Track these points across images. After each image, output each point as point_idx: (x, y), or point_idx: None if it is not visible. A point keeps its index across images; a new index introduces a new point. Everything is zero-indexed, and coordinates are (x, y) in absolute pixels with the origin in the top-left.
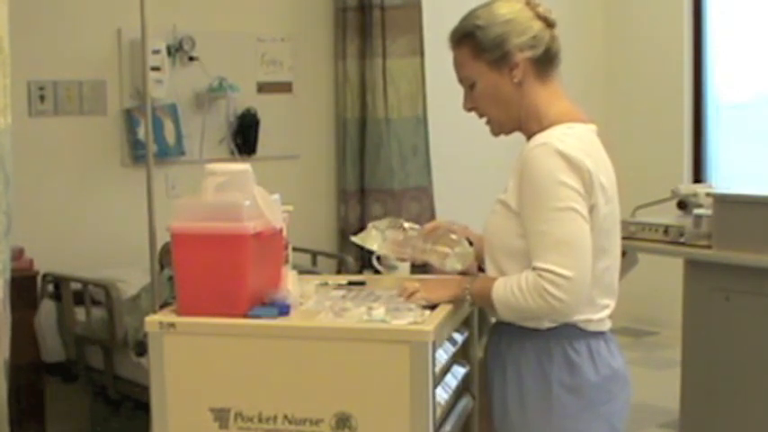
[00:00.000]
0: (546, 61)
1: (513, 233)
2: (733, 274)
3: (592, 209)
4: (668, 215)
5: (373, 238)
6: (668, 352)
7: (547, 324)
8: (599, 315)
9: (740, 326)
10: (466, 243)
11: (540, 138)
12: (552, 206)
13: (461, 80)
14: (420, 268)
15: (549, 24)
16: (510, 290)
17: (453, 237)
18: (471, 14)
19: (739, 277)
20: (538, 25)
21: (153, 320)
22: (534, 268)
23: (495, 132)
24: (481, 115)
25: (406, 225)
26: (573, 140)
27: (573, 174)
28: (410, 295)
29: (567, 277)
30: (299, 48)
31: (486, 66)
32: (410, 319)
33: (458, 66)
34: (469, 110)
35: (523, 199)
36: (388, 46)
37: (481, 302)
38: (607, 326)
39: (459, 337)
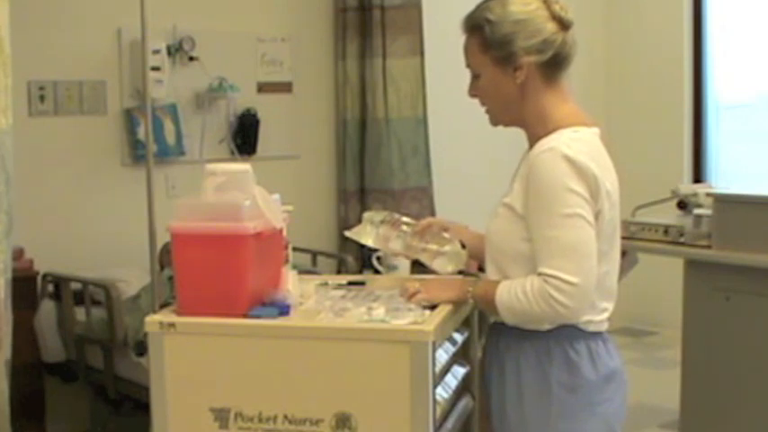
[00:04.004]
0: (553, 65)
1: (517, 237)
2: (733, 274)
3: (597, 214)
4: (668, 215)
5: (368, 234)
6: (668, 352)
7: (547, 326)
8: (599, 317)
9: (740, 326)
10: (458, 243)
11: (546, 142)
12: (559, 212)
13: (468, 66)
14: (421, 268)
15: (564, 26)
16: (514, 294)
17: (446, 235)
18: (485, 5)
19: (739, 277)
20: (551, 27)
21: (153, 320)
22: (540, 273)
23: (493, 123)
24: (482, 104)
25: (404, 219)
26: (580, 146)
27: (580, 180)
28: (411, 295)
29: (572, 283)
30: (299, 48)
31: (492, 62)
32: (410, 319)
33: (466, 53)
34: (473, 96)
35: (530, 204)
36: (388, 46)
37: (484, 305)
38: (605, 327)
39: (459, 337)
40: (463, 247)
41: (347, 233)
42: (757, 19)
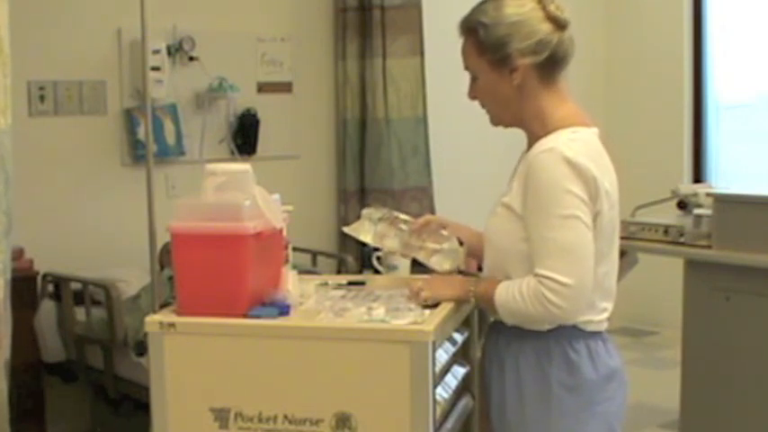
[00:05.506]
0: (550, 66)
1: (516, 236)
2: (733, 274)
3: (596, 216)
4: (668, 215)
5: (366, 231)
6: (668, 352)
7: (546, 326)
8: (599, 317)
9: (740, 326)
10: (456, 241)
11: (546, 143)
12: (556, 213)
13: (466, 68)
14: (420, 268)
15: (560, 26)
16: (511, 294)
17: (444, 233)
18: (480, 8)
19: (739, 277)
20: (546, 28)
21: (153, 320)
22: (535, 274)
23: (494, 123)
24: (482, 106)
25: (402, 217)
26: (579, 146)
27: (579, 181)
28: (416, 294)
29: (566, 285)
30: (299, 48)
31: (488, 64)
32: (410, 319)
33: (463, 55)
34: (472, 98)
35: (528, 204)
36: (388, 46)
37: (484, 305)
38: (604, 327)
39: (459, 337)
40: (461, 244)
41: (345, 229)
42: (757, 19)
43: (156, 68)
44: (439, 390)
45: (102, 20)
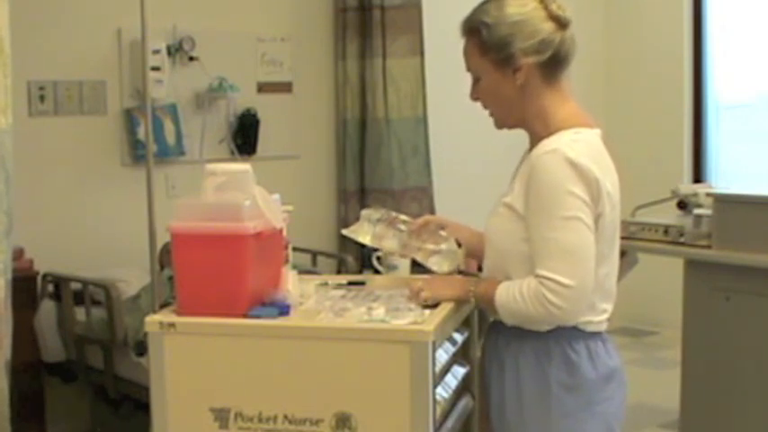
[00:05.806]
0: (553, 65)
1: (517, 237)
2: (733, 274)
3: (598, 217)
4: (668, 215)
5: (365, 232)
6: (668, 352)
7: (546, 327)
8: (598, 318)
9: (740, 326)
10: (454, 242)
11: (548, 143)
12: (558, 215)
13: (468, 70)
14: (420, 268)
15: (562, 25)
16: (512, 295)
17: (443, 234)
18: (481, 8)
19: (739, 277)
20: (548, 27)
21: (153, 320)
22: (536, 275)
23: (498, 126)
24: (485, 107)
25: (401, 217)
26: (582, 147)
27: (581, 183)
28: (416, 294)
29: (567, 286)
30: (299, 48)
31: (491, 64)
32: (410, 319)
33: (465, 56)
34: (474, 100)
35: (530, 205)
36: (388, 46)
37: (484, 305)
38: (604, 327)
39: (459, 337)
40: (459, 245)
41: (344, 231)
42: (757, 19)
43: (156, 68)
44: (439, 390)
45: (102, 20)
